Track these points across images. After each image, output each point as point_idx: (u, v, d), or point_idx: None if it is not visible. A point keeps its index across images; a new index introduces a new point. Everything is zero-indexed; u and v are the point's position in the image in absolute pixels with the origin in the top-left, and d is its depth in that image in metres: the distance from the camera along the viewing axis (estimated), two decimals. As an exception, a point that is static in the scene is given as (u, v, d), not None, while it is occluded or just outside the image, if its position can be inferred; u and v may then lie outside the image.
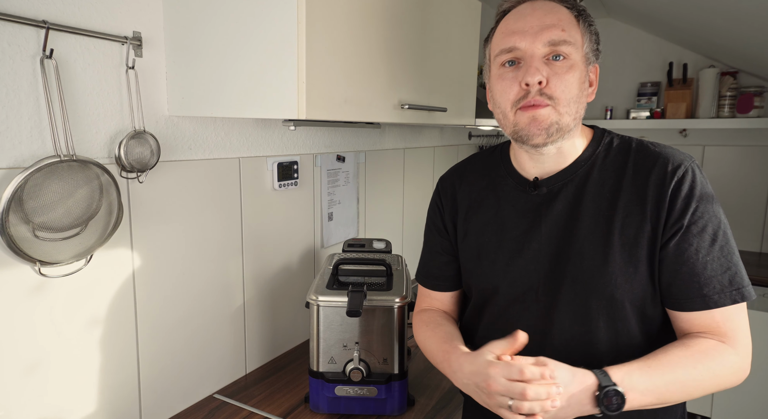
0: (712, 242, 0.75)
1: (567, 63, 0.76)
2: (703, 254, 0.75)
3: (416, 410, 1.15)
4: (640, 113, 2.54)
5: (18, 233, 0.80)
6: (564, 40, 0.76)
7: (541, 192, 0.84)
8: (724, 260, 0.75)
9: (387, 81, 1.09)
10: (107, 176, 0.91)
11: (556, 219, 0.82)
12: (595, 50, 0.81)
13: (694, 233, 0.75)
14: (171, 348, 1.11)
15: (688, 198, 0.75)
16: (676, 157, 0.78)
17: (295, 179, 1.41)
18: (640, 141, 0.83)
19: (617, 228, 0.78)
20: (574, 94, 0.77)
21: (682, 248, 0.75)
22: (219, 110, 0.98)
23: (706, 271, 0.75)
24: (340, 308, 1.07)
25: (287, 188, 1.39)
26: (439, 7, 1.27)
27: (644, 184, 0.78)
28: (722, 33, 1.99)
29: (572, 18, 0.78)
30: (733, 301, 0.74)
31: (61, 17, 0.85)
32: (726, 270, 0.75)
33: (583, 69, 0.78)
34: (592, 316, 0.80)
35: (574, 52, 0.77)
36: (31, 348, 0.86)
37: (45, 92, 0.84)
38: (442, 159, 2.34)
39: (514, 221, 0.86)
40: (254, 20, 0.90)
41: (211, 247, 1.19)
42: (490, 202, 0.90)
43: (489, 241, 0.88)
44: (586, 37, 0.79)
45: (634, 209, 0.77)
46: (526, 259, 0.84)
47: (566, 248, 0.81)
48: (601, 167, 0.82)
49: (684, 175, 0.76)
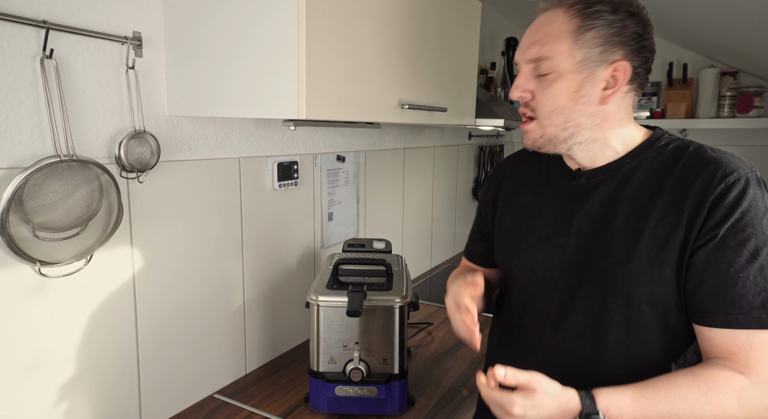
0: (751, 259, 0.69)
1: (551, 76, 0.78)
2: (735, 269, 0.69)
3: (416, 410, 1.15)
4: (640, 113, 2.54)
5: (18, 233, 0.80)
6: (541, 56, 0.77)
7: (580, 183, 0.84)
8: (762, 280, 0.69)
9: (387, 81, 1.09)
10: (107, 176, 0.91)
11: (591, 212, 0.82)
12: (603, 52, 0.76)
13: (730, 244, 0.70)
14: (171, 348, 1.11)
15: (731, 207, 0.70)
16: (732, 164, 0.73)
17: (295, 179, 1.41)
18: (700, 146, 0.79)
19: (649, 229, 0.75)
20: (558, 106, 0.78)
21: (713, 258, 0.71)
22: (219, 110, 0.98)
23: (735, 287, 0.69)
24: (340, 308, 1.07)
25: (287, 188, 1.39)
26: (440, 7, 1.27)
27: (687, 187, 0.74)
28: (722, 33, 1.99)
29: (566, 27, 0.76)
30: (761, 325, 0.68)
31: (61, 17, 0.85)
32: (761, 292, 0.68)
33: (575, 78, 0.76)
34: (605, 313, 0.79)
35: (559, 64, 0.77)
36: (30, 348, 0.86)
37: (45, 92, 0.84)
38: (442, 159, 2.34)
39: (550, 207, 0.88)
40: (254, 20, 0.90)
41: (211, 247, 1.19)
42: (534, 187, 0.92)
43: (523, 223, 0.91)
44: (581, 44, 0.76)
45: (671, 212, 0.74)
46: (553, 246, 0.85)
47: (594, 241, 0.81)
48: (649, 166, 0.79)
49: (734, 183, 0.71)
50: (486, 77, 2.32)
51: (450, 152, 2.41)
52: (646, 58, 0.78)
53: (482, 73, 2.30)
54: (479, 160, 2.74)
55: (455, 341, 1.52)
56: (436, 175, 2.30)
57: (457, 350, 1.45)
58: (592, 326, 0.81)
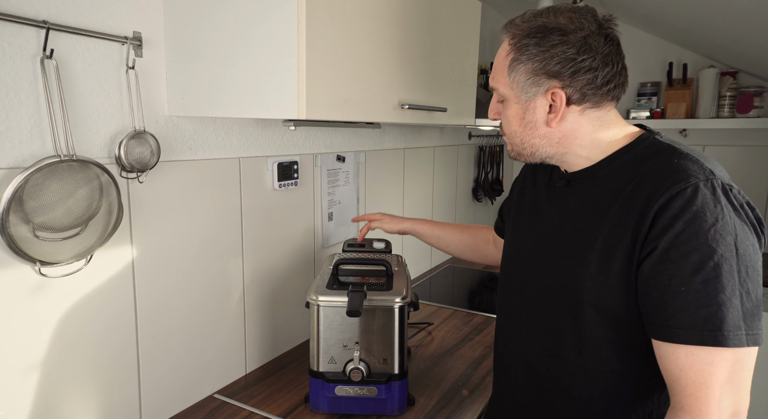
0: (693, 273, 0.66)
1: (505, 103, 0.85)
2: (676, 282, 0.67)
3: (416, 410, 1.15)
4: (640, 113, 2.54)
5: (18, 233, 0.80)
6: (492, 86, 0.86)
7: (561, 184, 0.88)
8: (705, 295, 0.65)
9: (387, 81, 1.09)
10: (107, 176, 0.91)
11: (564, 213, 0.86)
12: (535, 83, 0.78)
13: (672, 257, 0.68)
14: (171, 347, 1.11)
15: (673, 218, 0.68)
16: (685, 172, 0.70)
17: (295, 179, 1.41)
18: (672, 151, 0.75)
19: (602, 234, 0.76)
20: (513, 129, 0.85)
21: (656, 270, 0.69)
22: (219, 110, 0.98)
23: (676, 301, 0.67)
24: (340, 308, 1.07)
25: (287, 188, 1.39)
26: (440, 7, 1.27)
27: (638, 195, 0.73)
28: (722, 33, 1.99)
29: (504, 60, 0.82)
30: (700, 342, 0.65)
31: (61, 17, 0.85)
32: (703, 307, 0.65)
33: (517, 107, 0.82)
34: (562, 313, 0.83)
35: (504, 94, 0.84)
36: (31, 348, 0.86)
37: (45, 92, 0.84)
38: (442, 159, 2.34)
39: (535, 209, 0.93)
40: (254, 20, 0.90)
41: (211, 247, 1.19)
42: (536, 187, 0.97)
43: (517, 220, 0.97)
44: (514, 76, 0.80)
45: (622, 219, 0.74)
46: (529, 245, 0.92)
47: (558, 242, 0.85)
48: (619, 171, 0.79)
49: (678, 193, 0.68)
50: (486, 77, 2.32)
51: (450, 152, 2.41)
52: (590, 78, 0.76)
53: (482, 74, 2.30)
54: (479, 160, 2.74)
55: (455, 341, 1.52)
56: (436, 175, 2.30)
57: (457, 350, 1.45)
58: (553, 324, 0.85)
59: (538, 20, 0.78)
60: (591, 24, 0.77)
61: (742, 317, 0.65)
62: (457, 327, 1.63)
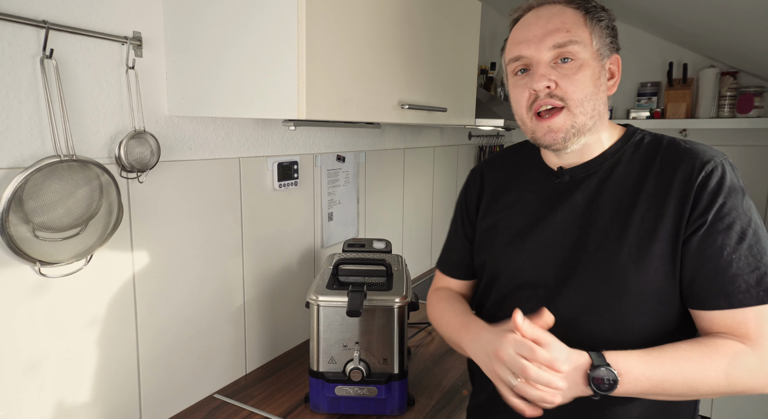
0: (739, 240, 0.73)
1: (576, 64, 0.78)
2: (728, 252, 0.73)
3: (416, 410, 1.15)
4: (640, 113, 2.54)
5: (18, 233, 0.80)
6: (569, 40, 0.77)
7: (563, 180, 0.86)
8: (753, 259, 0.72)
9: (387, 81, 1.09)
10: (107, 176, 0.91)
11: (575, 209, 0.83)
12: (610, 44, 0.81)
13: (719, 229, 0.73)
14: (171, 348, 1.11)
15: (714, 194, 0.74)
16: (707, 153, 0.78)
17: (295, 179, 1.41)
18: (673, 138, 0.83)
19: (636, 221, 0.78)
20: (587, 93, 0.78)
21: (706, 244, 0.74)
22: (219, 110, 0.98)
23: (731, 269, 0.72)
24: (340, 308, 1.07)
25: (287, 188, 1.39)
26: (440, 7, 1.27)
27: (670, 179, 0.77)
28: (722, 33, 1.99)
29: (578, 18, 0.79)
30: (759, 301, 0.71)
31: (61, 17, 0.85)
32: (754, 270, 0.72)
33: (596, 65, 0.79)
34: (597, 307, 0.80)
35: (582, 51, 0.78)
36: (31, 348, 0.86)
37: (45, 92, 0.84)
38: (442, 159, 2.34)
39: (534, 207, 0.88)
40: (254, 20, 0.90)
41: (211, 247, 1.19)
42: (514, 189, 0.93)
43: (506, 224, 0.91)
44: (596, 33, 0.79)
45: (656, 203, 0.77)
46: (538, 245, 0.86)
47: (582, 237, 0.82)
48: (629, 161, 0.82)
49: (713, 170, 0.75)
50: (486, 77, 2.32)
51: (450, 152, 2.41)
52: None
53: (482, 73, 2.30)
54: (479, 160, 2.74)
55: (455, 341, 1.52)
56: (436, 175, 2.30)
57: (457, 350, 1.45)
58: (584, 321, 0.81)
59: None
60: None
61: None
62: (457, 327, 1.63)
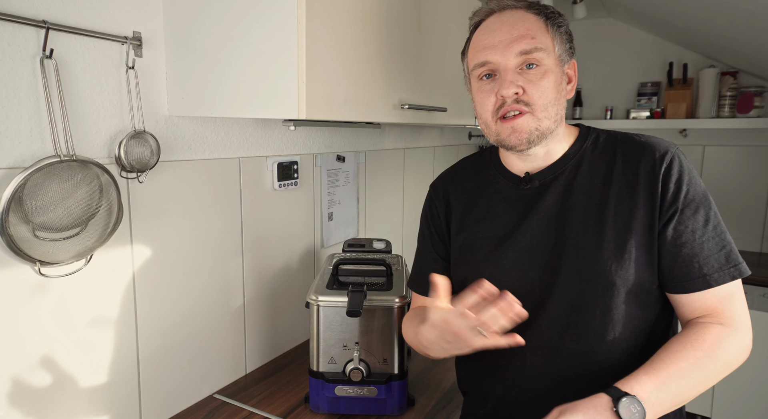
0: (705, 223, 0.78)
1: (540, 70, 0.79)
2: (698, 235, 0.77)
3: (416, 410, 1.15)
4: (640, 113, 2.54)
5: (18, 233, 0.80)
6: (535, 47, 0.79)
7: (533, 186, 0.86)
8: (719, 239, 0.77)
9: (387, 81, 1.09)
10: (107, 176, 0.91)
11: (548, 212, 0.84)
12: (568, 49, 0.83)
13: (688, 215, 0.77)
14: (171, 347, 1.11)
15: (679, 182, 0.78)
16: (661, 145, 0.82)
17: (295, 179, 1.41)
18: (625, 133, 0.86)
19: (610, 216, 0.80)
20: (551, 98, 0.80)
21: (679, 230, 0.77)
22: (219, 110, 0.98)
23: (703, 251, 0.77)
24: (340, 308, 1.07)
25: (287, 188, 1.39)
26: (439, 7, 1.27)
27: (635, 172, 0.80)
28: (722, 33, 1.99)
29: (541, 24, 0.81)
30: (732, 277, 0.76)
31: (61, 17, 0.85)
32: (722, 248, 0.77)
33: (558, 72, 0.81)
34: (587, 305, 0.80)
35: (546, 58, 0.80)
36: (30, 348, 0.86)
37: (45, 92, 0.84)
38: (442, 159, 2.34)
39: (506, 216, 0.88)
40: (254, 20, 0.90)
41: (211, 247, 1.19)
42: (482, 201, 0.92)
43: (483, 237, 0.89)
44: (557, 39, 0.81)
45: (626, 197, 0.80)
46: (519, 252, 0.85)
47: (561, 239, 0.82)
48: (590, 159, 0.85)
49: (672, 160, 0.79)
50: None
51: (450, 152, 2.41)
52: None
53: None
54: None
55: (455, 341, 1.51)
56: (436, 175, 2.29)
57: (457, 350, 1.45)
58: (574, 320, 0.81)
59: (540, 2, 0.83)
60: None
61: (736, 249, 0.79)
62: (457, 327, 1.62)
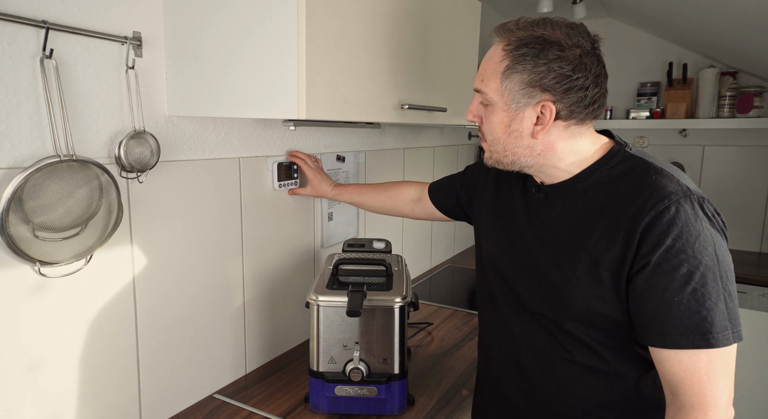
0: (684, 283, 0.72)
1: (489, 109, 0.84)
2: (669, 294, 0.72)
3: (416, 410, 1.15)
4: (639, 113, 2.54)
5: (18, 233, 0.80)
6: (479, 89, 0.84)
7: (540, 197, 0.89)
8: (695, 303, 0.71)
9: (387, 81, 1.09)
10: (107, 176, 0.91)
11: (550, 225, 0.87)
12: (528, 94, 0.78)
13: (664, 270, 0.72)
14: (171, 347, 1.11)
15: (662, 234, 0.72)
16: (666, 190, 0.75)
17: (295, 179, 1.41)
18: (648, 167, 0.79)
19: (589, 247, 0.80)
20: (496, 136, 0.84)
21: (649, 283, 0.74)
22: (219, 110, 0.98)
23: (670, 311, 0.72)
24: (340, 308, 1.07)
25: (287, 188, 1.39)
26: (440, 7, 1.27)
27: (624, 212, 0.76)
28: (722, 33, 1.99)
29: (499, 66, 0.79)
30: (694, 345, 0.71)
31: (61, 17, 0.85)
32: (694, 314, 0.71)
33: (505, 115, 0.81)
34: (555, 318, 0.85)
35: (493, 100, 0.82)
36: (30, 348, 0.86)
37: (45, 92, 0.84)
38: (442, 159, 2.34)
39: (521, 215, 0.93)
40: (254, 20, 0.90)
41: (211, 247, 1.19)
42: (509, 191, 0.97)
43: (503, 226, 0.96)
44: (509, 84, 0.78)
45: (608, 234, 0.78)
46: (518, 251, 0.92)
47: (548, 254, 0.86)
48: (598, 186, 0.82)
49: (664, 210, 0.73)
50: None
51: (450, 152, 2.41)
52: (581, 96, 0.78)
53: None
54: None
55: (455, 341, 1.52)
56: (436, 175, 2.30)
57: (457, 350, 1.45)
58: (545, 326, 0.87)
59: (536, 30, 0.77)
60: (586, 42, 0.78)
61: (727, 318, 0.72)
62: (457, 327, 1.63)
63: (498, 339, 0.98)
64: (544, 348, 0.88)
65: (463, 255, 2.57)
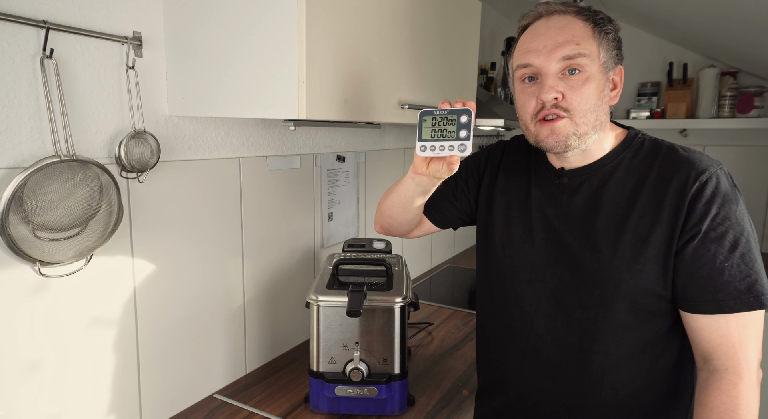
0: (732, 249, 0.75)
1: (582, 76, 0.80)
2: (720, 260, 0.75)
3: (416, 410, 1.15)
4: (640, 113, 2.54)
5: (18, 233, 0.80)
6: (578, 53, 0.79)
7: (562, 182, 0.88)
8: (744, 267, 0.75)
9: (387, 81, 1.09)
10: (107, 176, 0.91)
11: (575, 210, 0.86)
12: (615, 56, 0.83)
13: (712, 238, 0.75)
14: (171, 348, 1.11)
15: (708, 203, 0.76)
16: (702, 162, 0.79)
17: (295, 179, 1.41)
18: (672, 145, 0.84)
19: (631, 226, 0.80)
20: (591, 105, 0.80)
21: (699, 252, 0.76)
22: (219, 110, 0.98)
23: (722, 276, 0.75)
24: (340, 308, 1.07)
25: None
26: (440, 7, 1.27)
27: (665, 187, 0.79)
28: (722, 33, 1.99)
29: (588, 30, 0.80)
30: (749, 307, 0.74)
31: (61, 17, 0.85)
32: (745, 277, 0.74)
33: (601, 78, 0.81)
34: (593, 305, 0.83)
35: (590, 64, 0.79)
36: (31, 348, 0.86)
37: (45, 92, 0.84)
38: (442, 159, 2.34)
39: (538, 203, 0.91)
40: (254, 20, 0.90)
41: (211, 246, 1.19)
42: (523, 181, 0.96)
43: (514, 216, 0.94)
44: (603, 46, 0.81)
45: (651, 211, 0.79)
46: (542, 241, 0.90)
47: (581, 238, 0.85)
48: (627, 167, 0.84)
49: (707, 180, 0.77)
50: (486, 77, 2.32)
51: (450, 152, 2.41)
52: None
53: (482, 73, 2.30)
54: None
55: (455, 341, 1.52)
56: (436, 175, 2.30)
57: (457, 350, 1.45)
58: (579, 317, 0.85)
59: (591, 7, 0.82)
60: None
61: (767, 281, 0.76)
62: (457, 327, 1.63)
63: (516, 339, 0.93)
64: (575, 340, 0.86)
65: (463, 255, 2.57)
